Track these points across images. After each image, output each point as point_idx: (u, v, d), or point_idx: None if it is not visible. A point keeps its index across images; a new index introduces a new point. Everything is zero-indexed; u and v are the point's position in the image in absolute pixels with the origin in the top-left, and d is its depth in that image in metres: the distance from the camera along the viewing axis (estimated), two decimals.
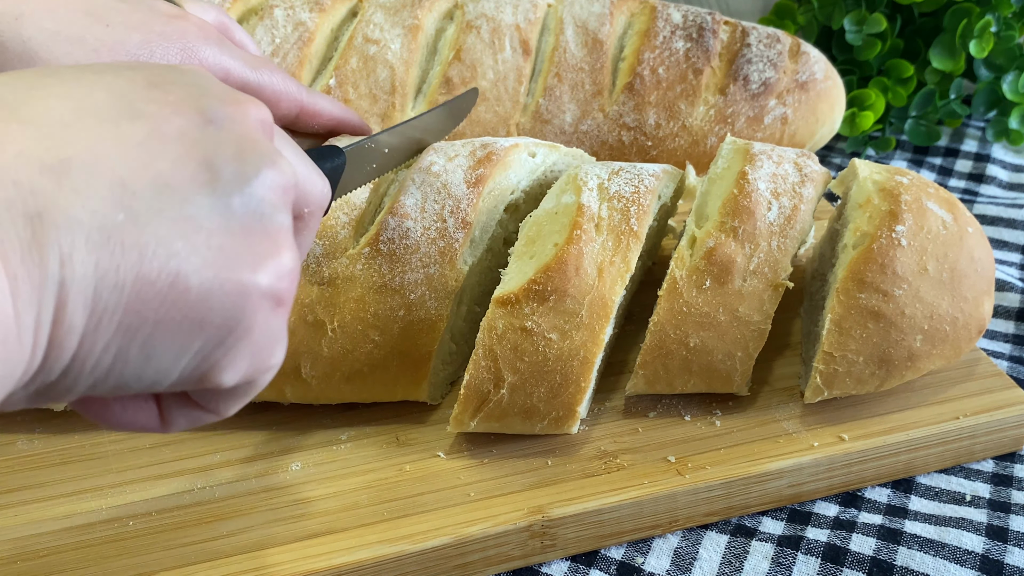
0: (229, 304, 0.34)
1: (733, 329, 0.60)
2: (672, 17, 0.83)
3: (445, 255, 0.61)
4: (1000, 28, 0.97)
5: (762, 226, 0.62)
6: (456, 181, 0.62)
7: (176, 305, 0.33)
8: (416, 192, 0.62)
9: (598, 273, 0.59)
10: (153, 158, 0.33)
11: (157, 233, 0.32)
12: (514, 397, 0.58)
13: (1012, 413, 0.64)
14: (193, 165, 0.34)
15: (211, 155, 0.35)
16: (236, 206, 0.35)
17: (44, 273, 0.30)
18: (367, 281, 0.60)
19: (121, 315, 0.32)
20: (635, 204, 0.62)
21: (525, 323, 0.58)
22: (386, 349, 0.60)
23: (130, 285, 0.32)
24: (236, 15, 0.81)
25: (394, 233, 0.61)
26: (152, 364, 0.34)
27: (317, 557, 0.54)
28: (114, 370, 0.33)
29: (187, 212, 0.33)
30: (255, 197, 0.35)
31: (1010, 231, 0.89)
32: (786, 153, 0.66)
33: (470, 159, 0.64)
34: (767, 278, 0.61)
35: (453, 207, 0.62)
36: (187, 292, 0.33)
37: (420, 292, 0.60)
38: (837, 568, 0.58)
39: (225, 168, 0.35)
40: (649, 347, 0.61)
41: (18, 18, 0.52)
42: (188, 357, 0.34)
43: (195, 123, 0.35)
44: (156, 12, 0.59)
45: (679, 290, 0.60)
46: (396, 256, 0.60)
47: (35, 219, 0.30)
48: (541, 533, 0.57)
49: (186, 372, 0.35)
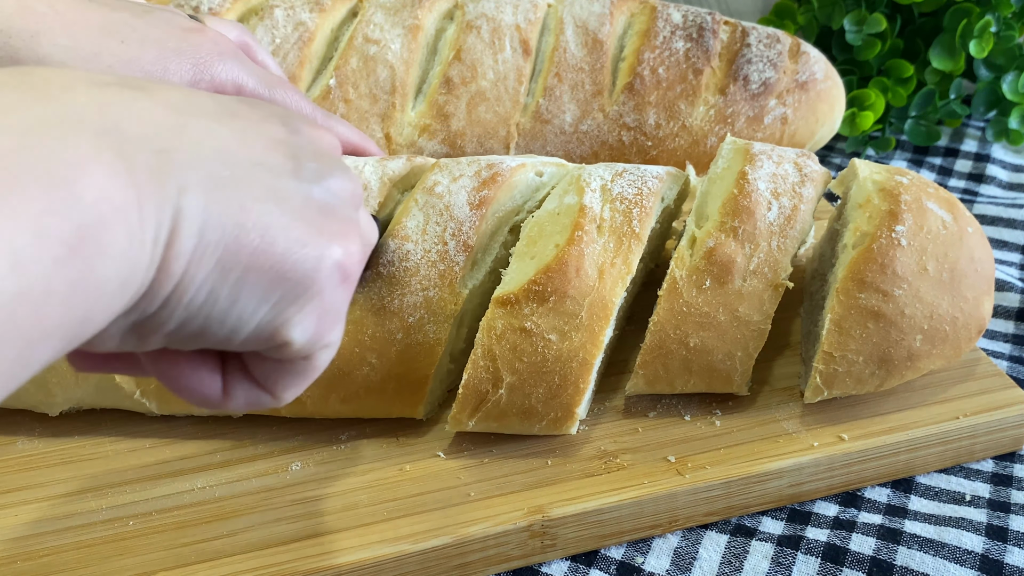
0: (307, 265, 0.38)
1: (733, 329, 0.60)
2: (672, 17, 0.83)
3: (445, 278, 0.60)
4: (1000, 28, 0.97)
5: (762, 226, 0.62)
6: (459, 203, 0.62)
7: (265, 255, 0.37)
8: (418, 214, 0.61)
9: (599, 274, 0.59)
10: (249, 142, 0.38)
11: (253, 193, 0.37)
12: (512, 397, 0.58)
13: (1012, 413, 0.64)
14: (280, 155, 0.39)
15: (295, 151, 0.40)
16: (315, 194, 0.39)
17: (164, 196, 0.34)
18: (365, 303, 0.59)
19: (220, 253, 0.36)
20: (638, 206, 0.62)
21: (524, 323, 0.57)
22: (383, 372, 0.60)
23: (230, 229, 0.36)
24: (236, 15, 0.81)
25: (394, 255, 0.60)
26: (236, 308, 0.37)
27: (317, 557, 0.54)
28: (203, 309, 0.37)
29: (277, 185, 0.38)
30: (331, 191, 0.40)
31: (1010, 231, 0.89)
32: (786, 153, 0.66)
33: (474, 180, 0.63)
34: (767, 278, 0.61)
35: (455, 230, 0.61)
36: (274, 246, 0.37)
37: (419, 315, 0.59)
38: (837, 568, 0.58)
39: (307, 163, 0.40)
40: (649, 347, 0.61)
41: (34, 36, 0.53)
42: (267, 308, 0.38)
43: (281, 131, 0.41)
44: (173, 27, 0.59)
45: (679, 290, 0.60)
46: (395, 279, 0.60)
47: (161, 153, 0.34)
48: (541, 533, 0.57)
49: (262, 323, 0.39)
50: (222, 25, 0.65)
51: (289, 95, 0.63)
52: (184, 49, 0.58)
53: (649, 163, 0.81)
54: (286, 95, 0.63)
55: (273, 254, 0.37)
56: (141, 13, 0.58)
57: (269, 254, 0.37)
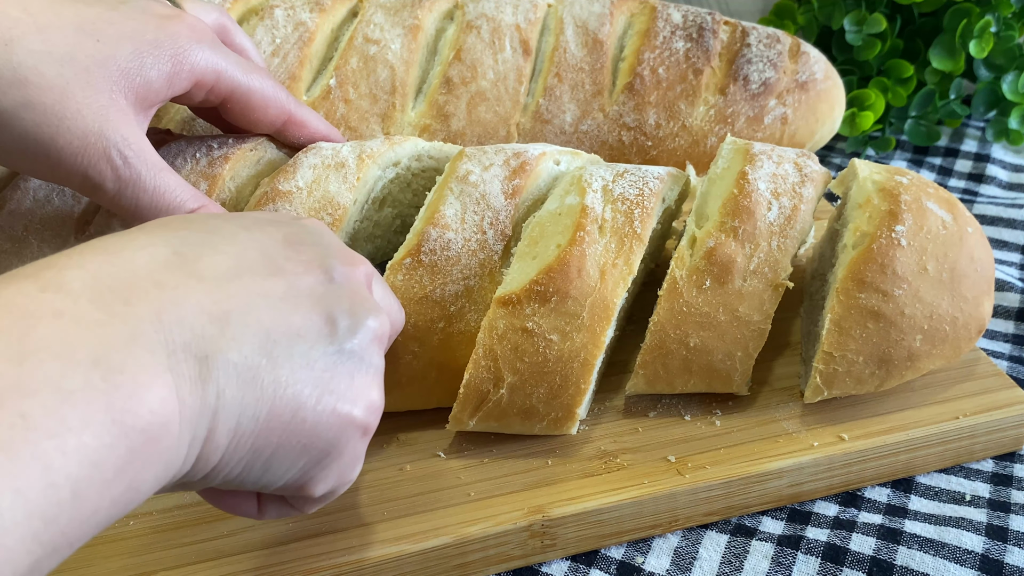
0: (332, 433, 0.43)
1: (733, 329, 0.60)
2: (672, 17, 0.83)
3: (485, 267, 0.60)
4: (1000, 28, 0.97)
5: (762, 226, 0.62)
6: (494, 192, 0.62)
7: (295, 433, 0.42)
8: (455, 202, 0.62)
9: (600, 275, 0.59)
10: (290, 312, 0.42)
11: (288, 373, 0.41)
12: (513, 397, 0.58)
13: (1012, 413, 0.64)
14: (319, 319, 0.43)
15: (332, 309, 0.44)
16: (346, 350, 0.44)
17: (204, 403, 0.38)
18: (407, 292, 0.59)
19: (253, 440, 0.40)
20: (639, 207, 0.62)
21: (526, 324, 0.58)
22: (425, 360, 0.60)
23: (264, 416, 0.40)
24: (236, 15, 0.81)
25: (436, 244, 0.60)
26: (267, 475, 0.43)
27: (317, 557, 0.54)
28: (239, 477, 0.42)
29: (311, 356, 0.42)
30: (361, 345, 0.45)
31: (1010, 231, 0.89)
32: (786, 153, 0.66)
33: (505, 168, 0.63)
34: (767, 278, 0.61)
35: (492, 218, 0.61)
36: (304, 423, 0.42)
37: (460, 304, 0.60)
38: (837, 568, 0.58)
39: (342, 321, 0.44)
40: (649, 347, 0.61)
41: (8, 44, 0.52)
42: (294, 472, 0.43)
43: (320, 280, 0.45)
44: (149, 16, 0.58)
45: (679, 290, 0.60)
46: (438, 267, 0.60)
47: (202, 360, 0.38)
48: (541, 533, 0.57)
49: (289, 482, 0.44)
50: (199, 8, 0.64)
51: (266, 83, 0.63)
52: (161, 40, 0.57)
53: (649, 163, 0.81)
54: (263, 82, 0.63)
55: (302, 431, 0.42)
56: (117, 4, 0.58)
57: (298, 431, 0.42)
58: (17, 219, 0.61)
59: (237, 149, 0.64)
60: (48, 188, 0.62)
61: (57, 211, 0.61)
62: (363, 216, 0.64)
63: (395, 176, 0.66)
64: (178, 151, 0.63)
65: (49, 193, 0.62)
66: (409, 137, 0.69)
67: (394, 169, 0.67)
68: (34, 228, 0.61)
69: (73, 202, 0.62)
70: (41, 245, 0.60)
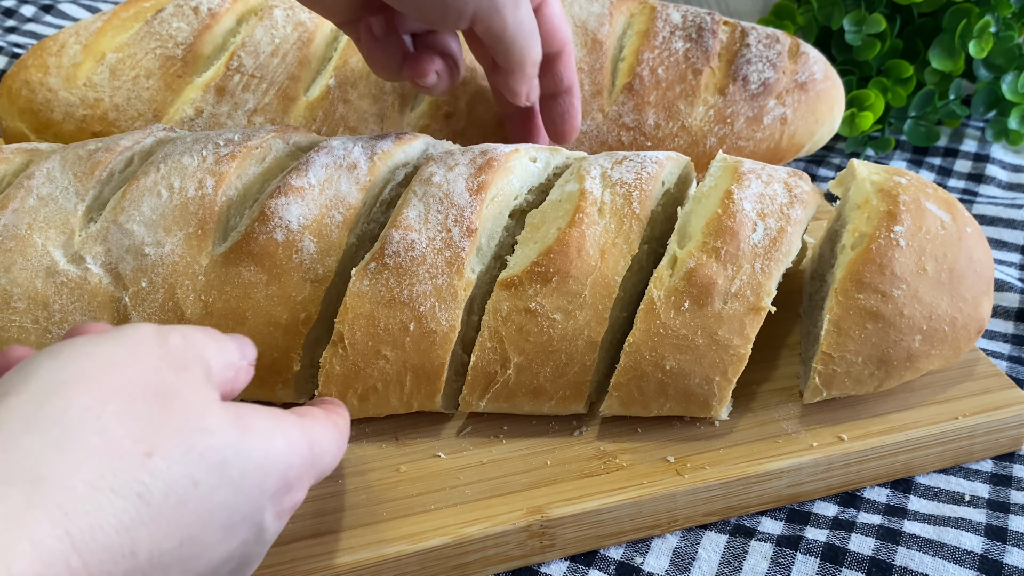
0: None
1: (711, 353, 0.59)
2: (671, 17, 0.83)
3: (452, 264, 0.60)
4: (1000, 28, 0.97)
5: (746, 247, 0.60)
6: (458, 190, 0.62)
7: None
8: (418, 204, 0.61)
9: (600, 255, 0.59)
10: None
11: None
12: (521, 377, 0.58)
13: (1011, 413, 0.64)
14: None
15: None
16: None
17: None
18: (375, 296, 0.59)
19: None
20: (637, 189, 0.62)
21: (529, 304, 0.58)
22: (398, 363, 0.59)
23: None
24: (236, 15, 0.81)
25: (399, 246, 0.60)
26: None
27: (316, 557, 0.54)
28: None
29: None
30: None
31: (1009, 231, 0.89)
32: (777, 172, 0.65)
33: (470, 167, 0.63)
34: (748, 301, 0.59)
35: (457, 216, 0.61)
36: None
37: (430, 303, 0.59)
38: (836, 568, 0.58)
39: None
40: (623, 368, 0.59)
41: None
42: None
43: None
44: None
45: (656, 311, 0.59)
46: (403, 269, 0.60)
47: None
48: (540, 533, 0.57)
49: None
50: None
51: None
52: None
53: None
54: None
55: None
56: None
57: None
58: (21, 217, 0.61)
59: (244, 147, 0.64)
60: (51, 186, 0.62)
61: (61, 209, 0.61)
62: (371, 218, 0.64)
63: (403, 179, 0.66)
64: (184, 148, 0.63)
65: (53, 191, 0.62)
66: (419, 135, 0.69)
67: (403, 171, 0.66)
68: (38, 226, 0.61)
69: (77, 200, 0.62)
70: (45, 244, 0.60)
